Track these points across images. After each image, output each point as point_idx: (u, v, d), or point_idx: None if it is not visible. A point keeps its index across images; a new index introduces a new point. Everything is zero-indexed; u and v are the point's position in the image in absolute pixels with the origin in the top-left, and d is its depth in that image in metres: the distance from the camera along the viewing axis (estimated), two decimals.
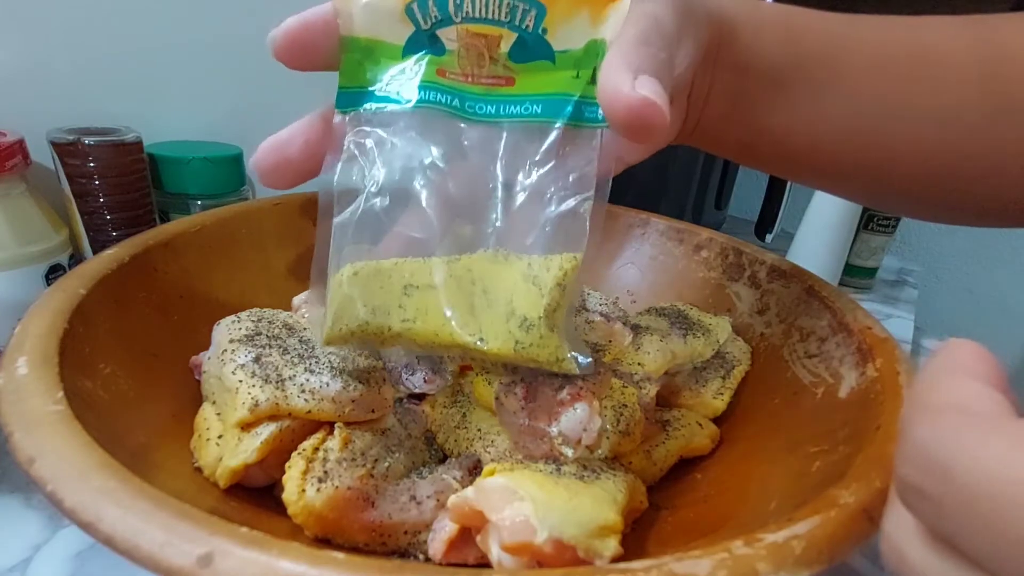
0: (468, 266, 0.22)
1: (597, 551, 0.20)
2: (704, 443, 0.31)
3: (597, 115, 0.21)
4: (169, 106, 0.51)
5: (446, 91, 0.23)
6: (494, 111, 0.23)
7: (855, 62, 0.26)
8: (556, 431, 0.24)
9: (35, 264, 0.38)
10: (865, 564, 0.33)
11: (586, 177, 0.22)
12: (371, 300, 0.22)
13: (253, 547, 0.16)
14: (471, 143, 0.23)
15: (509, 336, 0.21)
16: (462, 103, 0.23)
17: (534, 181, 0.22)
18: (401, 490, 0.25)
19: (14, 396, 0.20)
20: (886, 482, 0.20)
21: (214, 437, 0.26)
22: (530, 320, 0.21)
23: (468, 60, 0.23)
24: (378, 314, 0.22)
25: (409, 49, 0.23)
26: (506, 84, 0.23)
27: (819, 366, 0.30)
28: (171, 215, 0.48)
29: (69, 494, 0.17)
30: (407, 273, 0.22)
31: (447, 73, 0.23)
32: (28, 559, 0.29)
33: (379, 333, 0.22)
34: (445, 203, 0.23)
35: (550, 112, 0.22)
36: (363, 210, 0.23)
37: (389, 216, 0.23)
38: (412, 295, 0.22)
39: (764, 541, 0.17)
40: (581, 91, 0.22)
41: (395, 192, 0.23)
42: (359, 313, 0.22)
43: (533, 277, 0.21)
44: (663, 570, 0.16)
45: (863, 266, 0.73)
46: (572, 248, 0.22)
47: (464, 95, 0.23)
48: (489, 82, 0.23)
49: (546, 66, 0.22)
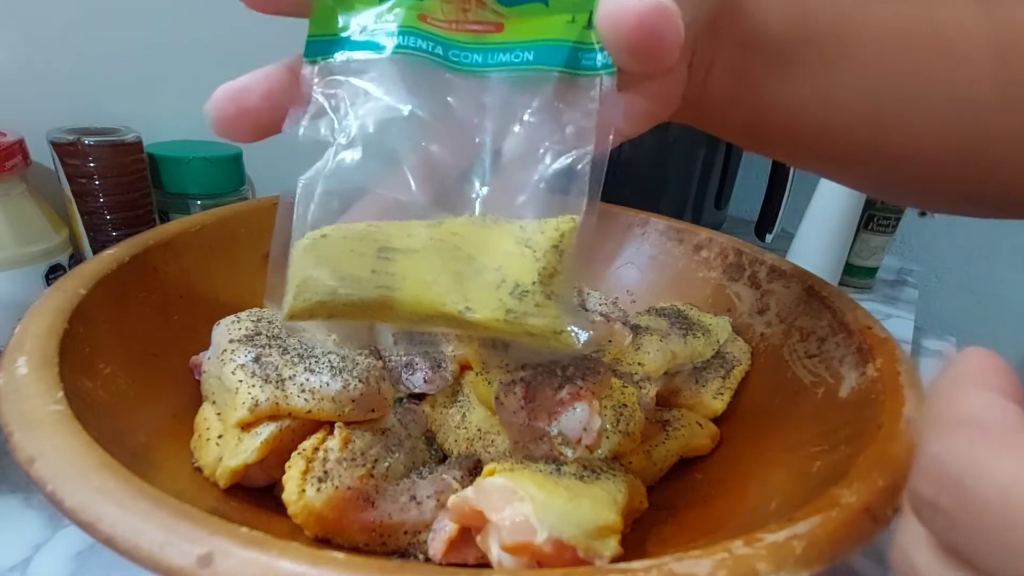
0: (453, 230, 0.20)
1: (597, 551, 0.20)
2: (704, 443, 0.31)
3: (595, 62, 0.20)
4: (169, 106, 0.51)
5: (428, 38, 0.21)
6: (481, 60, 0.21)
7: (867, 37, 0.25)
8: (556, 431, 0.24)
9: (35, 264, 0.38)
10: (866, 564, 0.33)
11: (584, 131, 0.20)
12: (340, 266, 0.19)
13: (253, 547, 0.16)
14: (455, 95, 0.21)
15: (500, 304, 0.19)
16: (445, 52, 0.21)
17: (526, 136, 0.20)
18: (401, 490, 0.25)
19: (14, 396, 0.20)
20: (888, 481, 0.20)
21: (214, 437, 0.26)
22: (523, 286, 0.19)
23: (453, 4, 0.21)
24: (348, 282, 0.19)
25: None
26: (495, 30, 0.21)
27: (819, 366, 0.30)
28: (171, 215, 0.48)
29: (69, 494, 0.17)
30: (382, 236, 0.20)
31: (429, 19, 0.21)
32: (28, 559, 0.28)
33: (350, 303, 0.20)
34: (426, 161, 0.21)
35: (543, 59, 0.20)
36: (331, 168, 0.20)
37: (362, 175, 0.20)
38: (389, 259, 0.19)
39: (764, 541, 0.17)
40: (577, 36, 0.20)
41: (369, 148, 0.20)
42: (326, 280, 0.20)
43: (526, 240, 0.19)
44: (663, 570, 0.16)
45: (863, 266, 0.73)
46: (570, 210, 0.20)
47: (448, 43, 0.21)
48: (476, 28, 0.21)
49: (538, 10, 0.20)
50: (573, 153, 0.20)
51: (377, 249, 0.20)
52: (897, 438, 0.22)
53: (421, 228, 0.20)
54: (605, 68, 0.20)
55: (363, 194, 0.20)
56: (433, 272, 0.19)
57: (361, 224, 0.20)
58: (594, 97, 0.20)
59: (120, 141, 0.42)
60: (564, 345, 0.20)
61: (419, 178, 0.20)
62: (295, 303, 0.20)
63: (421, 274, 0.19)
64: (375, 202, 0.20)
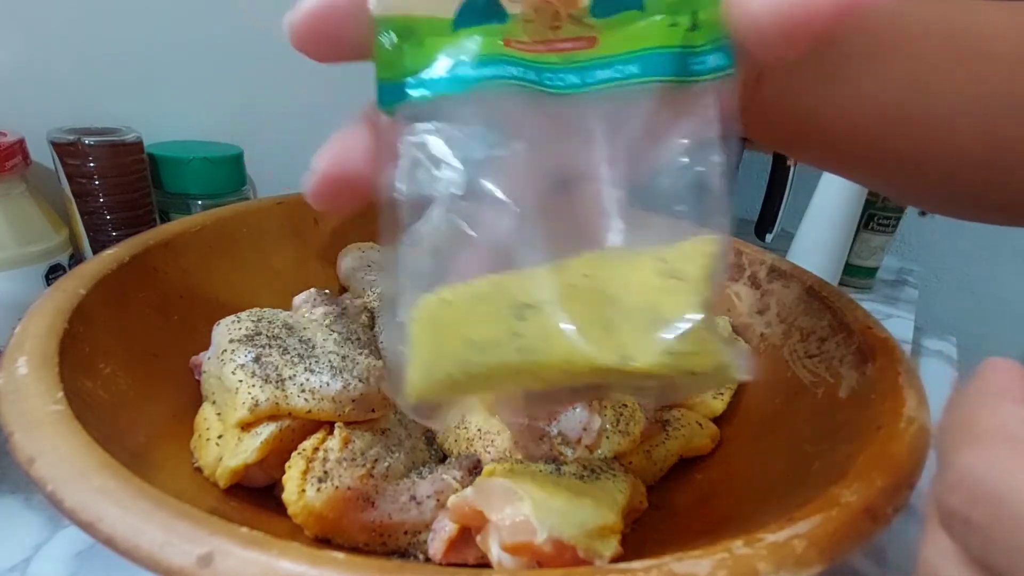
0: (582, 271, 0.18)
1: (597, 551, 0.20)
2: (704, 443, 0.31)
3: (707, 65, 0.18)
4: (169, 106, 0.51)
5: (516, 63, 0.18)
6: (579, 80, 0.18)
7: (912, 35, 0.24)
8: (556, 431, 0.24)
9: (35, 264, 0.38)
10: (866, 564, 0.33)
11: (708, 142, 0.18)
12: (474, 333, 0.17)
13: (253, 547, 0.16)
14: (557, 123, 0.19)
15: (660, 347, 0.16)
16: (539, 76, 0.19)
17: (643, 157, 0.18)
18: (401, 490, 0.25)
19: (14, 396, 0.20)
20: (888, 481, 0.20)
21: (214, 437, 0.26)
22: (682, 325, 0.16)
23: (539, 23, 0.19)
24: (487, 350, 0.17)
25: (461, 21, 0.19)
26: (587, 46, 0.19)
27: (819, 366, 0.30)
28: (171, 215, 0.48)
29: (69, 494, 0.17)
30: (515, 291, 0.17)
31: (513, 43, 0.19)
32: (28, 559, 0.28)
33: (491, 373, 0.17)
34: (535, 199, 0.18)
35: (650, 70, 0.18)
36: (436, 223, 0.18)
37: (468, 224, 0.18)
38: (528, 318, 0.17)
39: (764, 541, 0.17)
40: (682, 41, 0.18)
41: (472, 195, 0.18)
42: (459, 352, 0.17)
43: (671, 271, 0.17)
44: (663, 570, 0.16)
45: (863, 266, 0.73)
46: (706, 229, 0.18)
47: (539, 67, 0.19)
48: (567, 47, 0.19)
49: (633, 16, 0.18)
50: (700, 167, 0.18)
51: (512, 308, 0.17)
52: (897, 438, 0.22)
53: (548, 275, 0.18)
54: (719, 70, 0.18)
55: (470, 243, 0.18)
56: (580, 324, 0.17)
57: (482, 283, 0.18)
58: (711, 103, 0.18)
59: (120, 141, 0.42)
60: (726, 379, 0.18)
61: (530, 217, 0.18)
62: (423, 383, 0.18)
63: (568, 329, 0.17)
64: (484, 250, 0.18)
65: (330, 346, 0.29)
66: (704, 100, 0.18)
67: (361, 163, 0.19)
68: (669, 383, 0.17)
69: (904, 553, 0.34)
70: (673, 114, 0.18)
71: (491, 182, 0.18)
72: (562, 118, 0.18)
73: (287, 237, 0.41)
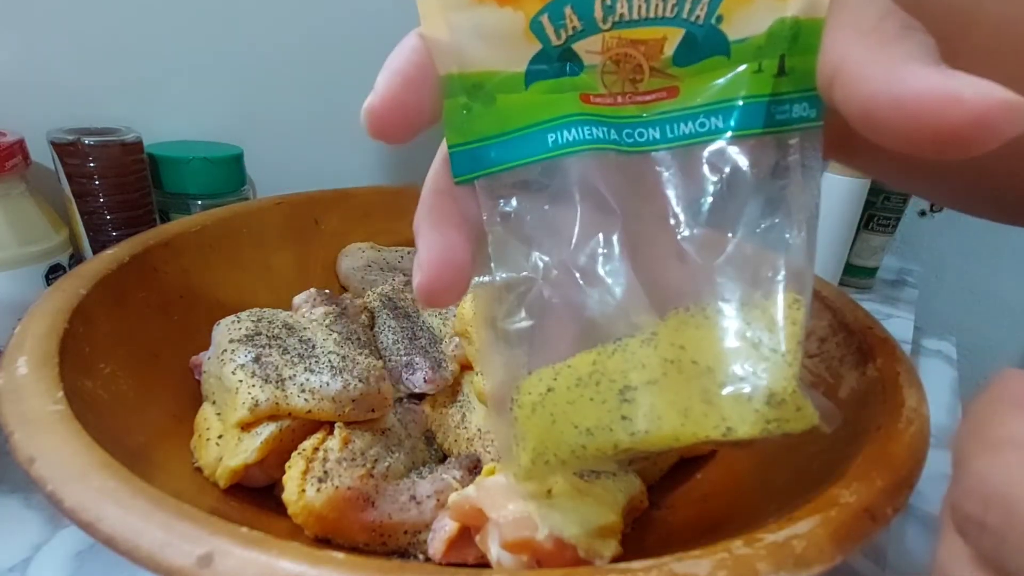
0: (676, 343, 0.17)
1: (597, 551, 0.20)
2: None
3: (791, 114, 0.17)
4: (169, 106, 0.51)
5: (596, 123, 0.18)
6: (659, 136, 0.18)
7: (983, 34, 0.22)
8: None
9: (35, 264, 0.38)
10: (865, 564, 0.33)
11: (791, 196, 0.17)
12: (583, 420, 0.17)
13: (253, 547, 0.16)
14: (637, 183, 0.18)
15: (759, 417, 0.17)
16: (619, 134, 0.18)
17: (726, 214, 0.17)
18: (401, 490, 0.25)
19: (14, 396, 0.20)
20: (887, 481, 0.20)
21: (214, 437, 0.26)
22: (779, 395, 0.17)
23: (620, 76, 0.18)
24: (598, 434, 0.17)
25: (534, 75, 0.18)
26: (667, 97, 0.18)
27: (819, 366, 0.30)
28: (171, 215, 0.48)
29: (69, 494, 0.17)
30: (614, 375, 0.18)
31: (591, 98, 0.18)
32: (28, 559, 0.28)
33: (601, 452, 0.18)
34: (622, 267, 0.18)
35: (741, 124, 0.17)
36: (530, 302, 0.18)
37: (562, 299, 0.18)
38: (633, 400, 0.17)
39: (764, 541, 0.17)
40: (771, 89, 0.17)
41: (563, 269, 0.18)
42: (571, 438, 0.18)
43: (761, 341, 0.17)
44: (663, 570, 0.16)
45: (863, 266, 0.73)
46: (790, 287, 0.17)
47: (619, 123, 0.18)
48: (648, 99, 0.18)
49: (718, 64, 0.17)
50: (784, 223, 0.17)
51: (618, 392, 0.17)
52: (897, 438, 0.22)
53: (643, 350, 0.18)
54: (805, 120, 0.17)
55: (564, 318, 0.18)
56: (683, 401, 0.17)
57: (582, 363, 0.18)
58: (795, 155, 0.17)
59: (120, 141, 0.42)
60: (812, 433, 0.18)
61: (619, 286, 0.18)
62: (534, 466, 0.18)
63: (671, 407, 0.17)
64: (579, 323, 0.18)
65: (330, 346, 0.29)
66: (787, 151, 0.17)
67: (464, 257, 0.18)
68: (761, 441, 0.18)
69: (904, 553, 0.34)
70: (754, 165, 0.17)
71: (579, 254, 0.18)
72: (642, 176, 0.18)
73: (287, 237, 0.41)
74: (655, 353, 0.17)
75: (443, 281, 0.18)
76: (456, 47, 0.17)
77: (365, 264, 0.42)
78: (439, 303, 0.18)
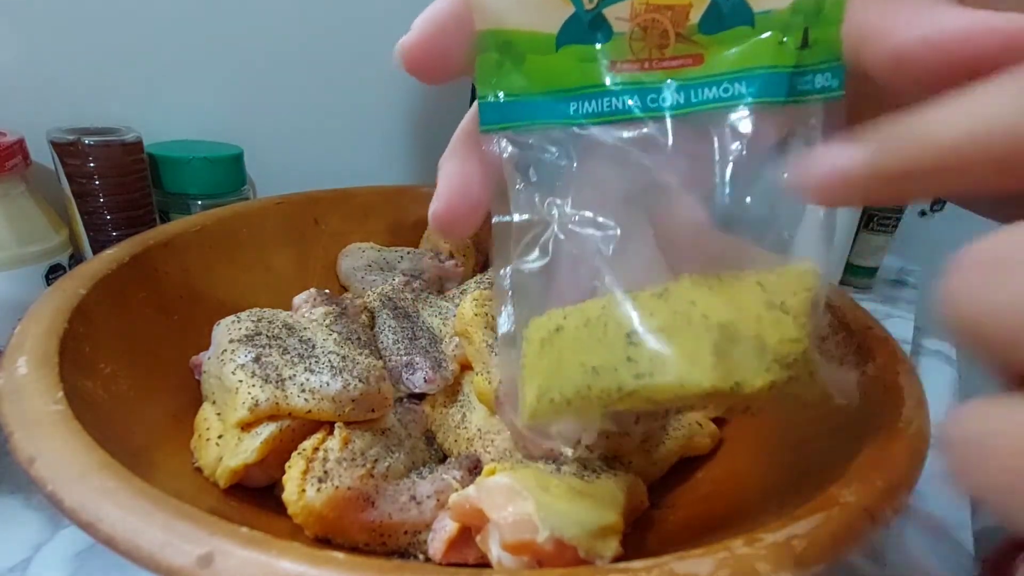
0: (688, 298, 0.18)
1: (598, 551, 0.20)
2: (704, 443, 0.31)
3: (813, 85, 0.17)
4: (169, 106, 0.51)
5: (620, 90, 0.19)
6: (682, 100, 0.18)
7: None
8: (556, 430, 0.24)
9: (35, 264, 0.38)
10: (865, 564, 0.33)
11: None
12: (589, 358, 0.18)
13: (253, 547, 0.16)
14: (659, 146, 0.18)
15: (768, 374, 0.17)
16: (642, 99, 0.19)
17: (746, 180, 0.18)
18: (401, 490, 0.25)
19: (14, 396, 0.20)
20: (887, 481, 0.20)
21: (214, 437, 0.26)
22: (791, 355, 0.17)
23: (647, 42, 0.19)
24: (603, 374, 0.18)
25: (565, 38, 0.19)
26: (692, 64, 0.18)
27: None
28: (171, 215, 0.48)
29: (69, 494, 0.17)
30: (625, 319, 0.18)
31: (618, 63, 0.19)
32: (28, 559, 0.28)
33: (605, 396, 0.18)
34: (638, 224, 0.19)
35: (757, 91, 0.18)
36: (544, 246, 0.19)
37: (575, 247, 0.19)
38: (640, 344, 0.17)
39: (764, 541, 0.17)
40: (794, 60, 0.17)
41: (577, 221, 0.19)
42: (576, 376, 0.18)
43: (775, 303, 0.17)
44: (663, 570, 0.16)
45: (863, 266, 0.73)
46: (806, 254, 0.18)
47: (644, 89, 0.19)
48: (673, 64, 0.19)
49: (742, 33, 0.18)
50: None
51: (625, 335, 0.18)
52: (896, 438, 0.22)
53: (654, 301, 0.18)
54: (827, 91, 0.17)
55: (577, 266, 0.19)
56: (691, 351, 0.17)
57: (592, 307, 0.18)
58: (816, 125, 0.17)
59: (120, 141, 0.42)
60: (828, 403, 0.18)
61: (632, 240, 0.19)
62: (538, 404, 0.19)
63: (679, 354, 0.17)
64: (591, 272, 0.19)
65: (330, 346, 0.29)
66: (808, 120, 0.17)
67: (480, 192, 0.20)
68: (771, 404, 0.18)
69: (904, 553, 0.34)
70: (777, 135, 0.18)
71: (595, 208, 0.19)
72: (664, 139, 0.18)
73: (287, 237, 0.41)
74: (665, 305, 0.18)
75: (457, 210, 0.19)
76: (497, 5, 0.18)
77: (365, 264, 0.42)
78: (452, 231, 0.20)
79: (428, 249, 0.44)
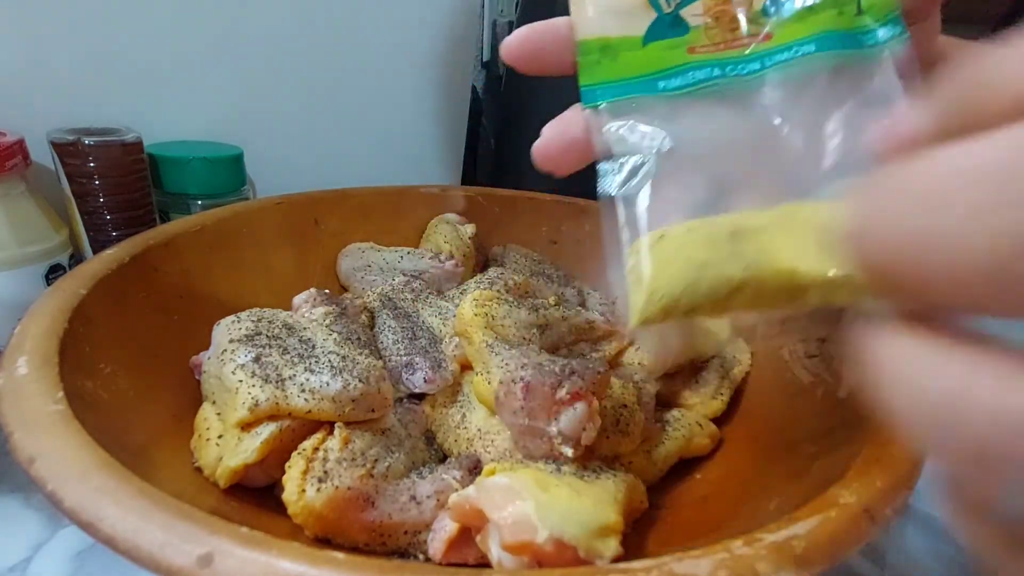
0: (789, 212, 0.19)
1: (598, 551, 0.20)
2: (704, 443, 0.31)
3: (878, 36, 0.20)
4: (169, 106, 0.51)
5: (701, 66, 0.22)
6: (759, 66, 0.21)
7: None
8: (555, 430, 0.24)
9: (35, 264, 0.38)
10: (865, 564, 0.33)
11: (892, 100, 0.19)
12: (696, 254, 0.19)
13: (253, 547, 0.16)
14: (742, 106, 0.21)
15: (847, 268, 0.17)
16: (722, 69, 0.21)
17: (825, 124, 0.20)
18: (401, 490, 0.25)
19: (14, 396, 0.20)
20: (886, 482, 0.20)
21: (214, 437, 0.26)
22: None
23: (719, 30, 0.22)
24: (711, 267, 0.18)
25: (650, 36, 0.22)
26: (763, 40, 0.21)
27: (819, 366, 0.30)
28: (171, 215, 0.48)
29: (69, 494, 0.17)
30: (725, 223, 0.19)
31: (696, 49, 0.22)
32: (28, 559, 0.28)
33: (714, 290, 0.18)
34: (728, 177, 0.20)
35: (824, 45, 0.20)
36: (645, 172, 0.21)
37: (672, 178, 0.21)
38: (746, 239, 0.18)
39: (764, 541, 0.17)
40: (850, 24, 0.20)
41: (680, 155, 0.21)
42: (684, 272, 0.18)
43: None
44: (663, 570, 0.16)
45: None
46: None
47: (722, 63, 0.21)
48: (744, 42, 0.21)
49: (804, 13, 0.21)
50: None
51: (729, 232, 0.19)
52: (896, 439, 0.22)
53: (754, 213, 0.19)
54: (892, 38, 0.19)
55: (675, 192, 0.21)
56: (797, 243, 0.18)
57: (694, 222, 0.20)
58: (889, 66, 0.19)
59: (120, 141, 0.42)
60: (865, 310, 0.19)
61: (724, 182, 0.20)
62: (649, 305, 0.19)
63: (787, 244, 0.18)
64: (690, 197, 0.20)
65: (330, 346, 0.29)
66: (883, 64, 0.19)
67: (580, 130, 0.22)
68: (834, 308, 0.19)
69: (903, 553, 0.34)
70: (852, 81, 0.19)
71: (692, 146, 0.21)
72: (746, 101, 0.21)
73: (287, 237, 0.41)
74: (766, 215, 0.19)
75: (556, 145, 0.22)
76: (593, 21, 0.22)
77: (365, 264, 0.42)
78: (553, 166, 0.23)
79: (428, 249, 0.44)
